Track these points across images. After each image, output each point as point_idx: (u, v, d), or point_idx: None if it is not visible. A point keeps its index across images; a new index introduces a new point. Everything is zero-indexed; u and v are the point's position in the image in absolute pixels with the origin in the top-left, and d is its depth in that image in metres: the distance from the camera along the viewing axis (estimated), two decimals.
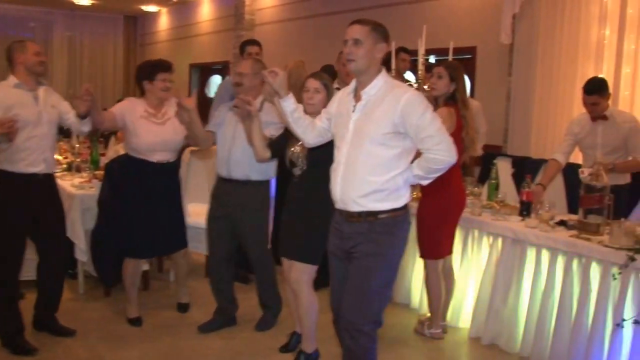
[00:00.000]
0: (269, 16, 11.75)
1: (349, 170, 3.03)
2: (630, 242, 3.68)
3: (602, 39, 6.29)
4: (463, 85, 4.18)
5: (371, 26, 3.01)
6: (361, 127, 3.01)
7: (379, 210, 3.02)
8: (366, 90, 3.03)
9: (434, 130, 2.92)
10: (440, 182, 4.01)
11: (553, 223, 4.20)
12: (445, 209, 4.24)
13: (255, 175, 4.28)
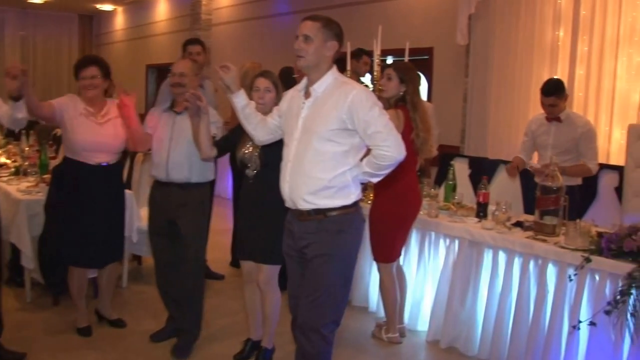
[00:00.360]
0: (226, 16, 11.63)
1: (296, 167, 3.00)
2: (586, 242, 3.68)
3: (556, 40, 6.33)
4: (414, 87, 4.12)
5: (322, 23, 2.98)
6: (309, 124, 2.98)
7: (328, 207, 2.97)
8: (315, 87, 3.00)
9: (382, 126, 2.89)
10: (393, 184, 4.01)
11: (509, 224, 4.19)
12: (398, 212, 4.19)
13: (196, 178, 4.10)
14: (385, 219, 4.20)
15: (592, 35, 6.02)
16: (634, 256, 3.38)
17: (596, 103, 6.01)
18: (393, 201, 4.15)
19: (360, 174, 3.01)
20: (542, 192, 3.95)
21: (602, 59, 5.96)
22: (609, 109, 5.93)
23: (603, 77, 5.95)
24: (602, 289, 3.49)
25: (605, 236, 3.55)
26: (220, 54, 10.90)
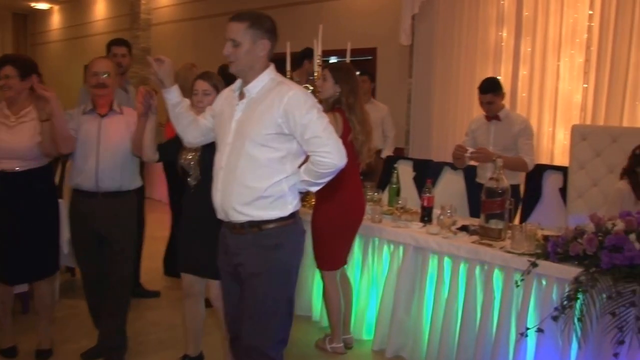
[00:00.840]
0: (166, 15, 11.44)
1: (229, 175, 2.77)
2: (532, 246, 3.59)
3: (499, 40, 6.33)
4: (350, 87, 3.95)
5: (249, 22, 2.75)
6: (242, 127, 2.75)
7: (263, 219, 2.76)
8: (249, 88, 2.79)
9: (320, 130, 2.67)
10: (334, 189, 3.85)
11: (455, 229, 4.07)
12: (341, 218, 4.02)
13: (127, 184, 3.87)
14: (328, 225, 4.04)
15: (535, 36, 6.03)
16: (580, 260, 3.29)
17: (539, 103, 6.00)
18: (335, 207, 3.99)
19: (298, 182, 2.80)
20: (487, 196, 3.85)
21: (545, 59, 5.97)
22: (552, 110, 5.93)
23: (546, 77, 5.96)
24: (549, 294, 3.40)
25: (551, 240, 3.46)
26: (161, 54, 10.59)
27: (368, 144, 3.92)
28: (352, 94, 3.90)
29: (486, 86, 4.82)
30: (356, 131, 3.89)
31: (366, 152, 3.93)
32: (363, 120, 3.92)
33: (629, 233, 3.13)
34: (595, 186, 4.91)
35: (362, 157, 3.94)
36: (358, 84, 3.97)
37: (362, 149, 3.91)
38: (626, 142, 4.52)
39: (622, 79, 5.44)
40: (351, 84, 3.93)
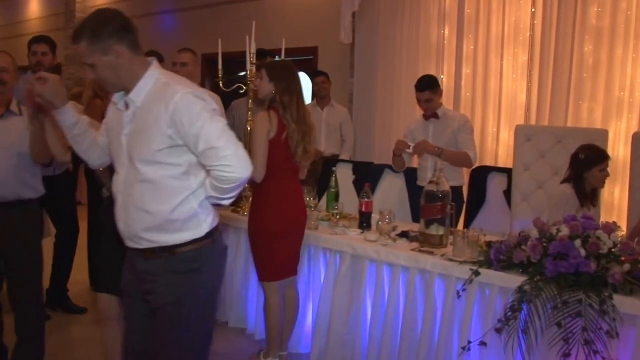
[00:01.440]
0: None
1: (127, 199, 2.40)
2: (475, 253, 3.38)
3: (441, 39, 6.18)
4: (285, 85, 3.70)
5: (86, 41, 2.27)
6: (132, 143, 2.36)
7: (174, 243, 2.39)
8: (131, 96, 2.36)
9: (215, 138, 2.27)
10: (267, 193, 3.64)
11: (394, 235, 3.85)
12: (276, 224, 3.74)
13: (27, 192, 3.50)
14: (262, 233, 3.77)
15: (478, 34, 5.90)
16: (524, 268, 3.10)
17: (483, 103, 5.86)
18: (269, 212, 3.73)
19: (207, 197, 2.44)
20: (426, 200, 3.63)
21: (487, 58, 5.84)
22: (496, 109, 5.80)
23: (489, 76, 5.83)
24: (492, 305, 3.20)
25: (494, 246, 3.26)
26: None
27: (303, 144, 3.66)
28: (288, 92, 3.65)
29: (423, 84, 4.66)
30: (290, 129, 3.63)
31: (301, 152, 3.66)
32: (299, 119, 3.66)
33: (574, 239, 2.95)
34: (540, 188, 4.76)
35: (297, 158, 3.67)
36: (296, 82, 3.70)
37: (296, 149, 3.65)
38: (571, 143, 4.39)
39: (565, 77, 5.32)
40: (287, 81, 3.68)
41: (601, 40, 5.18)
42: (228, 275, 4.56)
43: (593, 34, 5.21)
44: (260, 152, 3.61)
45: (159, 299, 2.42)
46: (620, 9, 5.07)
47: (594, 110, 5.23)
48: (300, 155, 3.65)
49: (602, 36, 5.18)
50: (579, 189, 4.00)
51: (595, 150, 4.02)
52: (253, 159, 3.61)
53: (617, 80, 5.13)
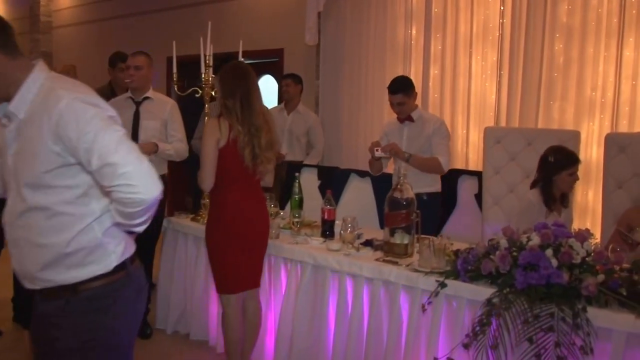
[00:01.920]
0: (67, 18, 10.77)
1: (17, 232, 2.03)
2: (442, 263, 3.19)
3: (409, 38, 6.00)
4: (229, 89, 3.47)
5: None
6: (18, 165, 1.99)
7: (76, 281, 2.02)
8: (11, 107, 1.98)
9: (111, 154, 1.87)
10: (222, 201, 3.48)
11: (358, 244, 3.64)
12: (233, 234, 3.52)
13: None
14: (219, 243, 3.56)
15: (446, 34, 5.73)
16: (493, 279, 2.91)
17: (452, 104, 5.69)
18: (226, 222, 3.52)
19: (115, 223, 2.06)
20: (390, 207, 3.43)
21: (456, 58, 5.67)
22: (466, 111, 5.63)
23: (458, 77, 5.66)
24: (460, 318, 3.01)
25: (461, 256, 3.07)
26: (64, 59, 9.96)
27: (252, 148, 3.43)
28: (231, 95, 3.44)
29: (396, 86, 4.43)
30: (235, 132, 3.41)
31: (249, 156, 3.43)
32: (244, 121, 3.43)
33: (545, 248, 2.76)
34: (512, 192, 4.60)
35: (247, 163, 3.44)
36: (240, 84, 3.47)
37: (243, 152, 3.43)
38: (542, 145, 4.24)
39: (536, 77, 5.16)
40: (230, 84, 3.47)
41: (572, 39, 5.03)
42: (189, 285, 4.36)
43: (563, 33, 5.06)
44: (207, 161, 3.43)
45: (63, 343, 2.04)
46: (591, 6, 4.92)
47: (565, 111, 5.07)
48: (250, 159, 3.43)
49: (573, 34, 5.02)
50: (547, 194, 3.84)
51: (565, 153, 3.85)
52: (201, 169, 3.44)
53: (588, 79, 4.97)
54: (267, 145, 3.48)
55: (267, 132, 3.48)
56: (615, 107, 4.85)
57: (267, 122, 3.50)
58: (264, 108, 3.61)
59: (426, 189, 4.37)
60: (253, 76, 3.52)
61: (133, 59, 4.51)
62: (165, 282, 4.55)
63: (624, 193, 4.27)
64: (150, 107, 4.55)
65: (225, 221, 3.52)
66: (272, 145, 3.51)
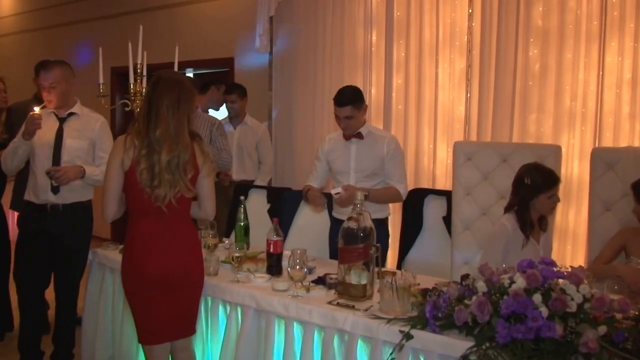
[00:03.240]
0: (11, 26, 10.38)
1: None
2: (406, 306, 2.65)
3: (369, 45, 5.54)
4: (143, 105, 2.95)
5: None
6: None
7: None
8: None
9: None
10: (134, 237, 2.95)
11: (310, 282, 3.08)
12: (147, 276, 2.93)
13: None
14: (132, 288, 2.98)
15: (409, 39, 5.29)
16: (469, 330, 2.36)
17: (417, 116, 5.24)
18: (137, 262, 2.95)
19: None
20: (345, 241, 2.87)
21: (421, 65, 5.23)
22: (432, 124, 5.19)
23: (424, 86, 5.21)
24: None
25: (430, 300, 2.51)
26: (8, 67, 9.39)
27: (147, 165, 2.84)
28: (141, 106, 2.88)
29: (344, 97, 3.85)
30: (135, 154, 2.86)
31: (145, 175, 2.84)
32: (146, 133, 2.86)
33: (532, 293, 2.22)
34: (484, 215, 4.09)
35: (142, 184, 2.85)
36: (156, 91, 2.90)
37: (140, 178, 2.85)
38: (518, 162, 3.75)
39: (509, 86, 4.70)
40: (146, 95, 2.94)
41: (548, 44, 4.57)
42: (117, 328, 3.73)
43: (539, 37, 4.60)
44: (107, 186, 2.91)
45: None
46: (568, 7, 4.47)
47: (542, 123, 4.60)
48: (146, 181, 2.84)
49: (549, 39, 4.57)
50: (524, 219, 3.33)
51: (543, 173, 3.35)
52: (102, 195, 2.89)
53: (567, 88, 4.52)
54: (170, 164, 2.85)
55: (170, 149, 2.84)
56: (598, 119, 4.42)
57: (178, 136, 2.87)
58: (179, 121, 2.90)
59: (373, 214, 3.84)
60: (172, 84, 2.92)
61: (45, 76, 3.87)
62: (90, 323, 3.92)
63: (612, 216, 3.78)
64: (76, 125, 3.95)
65: (135, 261, 2.94)
66: (179, 166, 2.87)
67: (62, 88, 3.88)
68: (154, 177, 2.83)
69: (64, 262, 4.00)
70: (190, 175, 2.91)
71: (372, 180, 3.87)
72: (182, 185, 2.87)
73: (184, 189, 2.89)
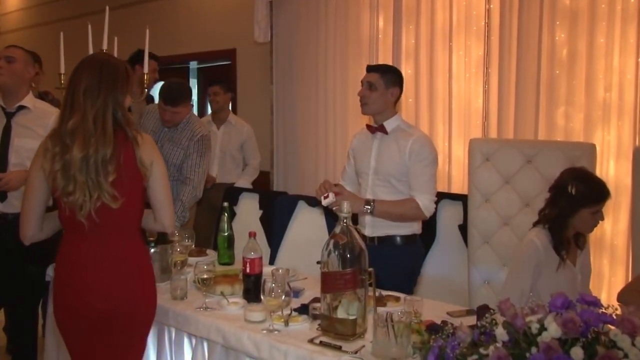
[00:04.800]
0: (15, 22, 10.26)
1: None
2: (406, 350, 2.10)
3: (375, 31, 5.05)
4: None
5: None
6: None
7: None
8: None
9: None
10: (59, 262, 2.41)
11: (291, 310, 2.53)
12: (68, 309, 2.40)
13: None
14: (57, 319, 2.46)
15: (420, 24, 4.79)
16: None
17: (429, 111, 4.73)
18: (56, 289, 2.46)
19: None
20: (329, 264, 2.30)
21: (433, 53, 4.72)
22: (446, 119, 4.65)
23: (436, 76, 4.70)
24: None
25: (437, 345, 1.94)
26: None
27: (59, 164, 2.29)
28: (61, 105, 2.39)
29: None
30: (50, 155, 2.32)
31: (55, 177, 2.29)
32: (54, 135, 2.33)
33: (571, 345, 1.65)
34: (506, 225, 3.51)
35: (55, 188, 2.31)
36: (69, 83, 2.36)
37: (53, 185, 2.32)
38: (545, 163, 3.29)
39: (533, 76, 4.13)
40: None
41: (577, 26, 4.00)
42: None
43: (567, 18, 4.02)
44: (26, 198, 2.40)
45: None
46: None
47: (572, 118, 4.04)
48: (60, 185, 2.29)
49: (579, 20, 3.99)
50: (559, 236, 2.76)
51: (592, 184, 2.77)
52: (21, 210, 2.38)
53: (600, 77, 3.93)
54: (85, 163, 2.27)
55: (84, 143, 2.27)
56: (638, 112, 3.83)
57: (97, 127, 2.29)
58: (99, 110, 2.31)
59: (401, 229, 3.25)
60: (93, 65, 2.36)
61: (6, 50, 3.46)
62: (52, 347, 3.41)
63: None
64: (26, 121, 3.40)
65: (56, 288, 2.42)
66: (97, 165, 2.28)
67: (18, 67, 3.40)
68: (69, 181, 2.28)
69: (19, 278, 3.47)
70: (114, 178, 2.29)
71: (388, 188, 3.20)
72: (101, 191, 2.28)
73: (105, 196, 2.29)
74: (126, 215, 2.40)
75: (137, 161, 2.36)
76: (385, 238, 3.22)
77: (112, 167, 2.28)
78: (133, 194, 2.39)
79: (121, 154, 2.32)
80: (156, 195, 2.46)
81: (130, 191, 2.38)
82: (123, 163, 2.32)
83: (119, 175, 2.30)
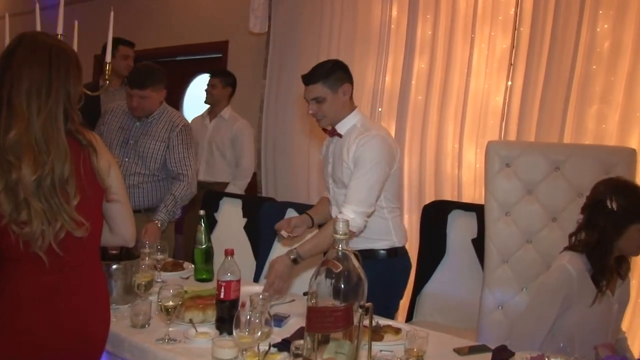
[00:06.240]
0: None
1: None
2: None
3: (387, 21, 4.59)
4: None
5: None
6: None
7: None
8: None
9: None
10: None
11: (267, 347, 2.08)
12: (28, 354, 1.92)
13: None
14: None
15: (438, 14, 4.32)
16: None
17: (441, 109, 4.27)
18: None
19: None
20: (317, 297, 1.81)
21: (452, 46, 4.26)
22: (459, 118, 4.20)
23: (452, 71, 4.24)
24: None
25: None
26: None
27: (1, 191, 1.80)
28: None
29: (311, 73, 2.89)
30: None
31: (4, 207, 1.80)
32: (2, 153, 1.82)
33: None
34: (529, 243, 3.04)
35: (8, 222, 1.82)
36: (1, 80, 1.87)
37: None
38: (575, 170, 2.87)
39: (565, 72, 3.67)
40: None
41: (624, 17, 3.52)
42: None
43: (612, 6, 3.55)
44: None
45: None
46: None
47: (605, 118, 3.57)
48: (12, 219, 1.81)
49: (627, 9, 3.51)
50: (602, 263, 2.29)
51: (637, 195, 2.31)
52: None
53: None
54: (41, 186, 1.82)
55: (35, 161, 1.81)
56: None
57: (48, 139, 1.84)
58: (49, 116, 1.86)
59: (378, 243, 2.89)
60: (36, 54, 1.88)
61: None
62: None
63: None
64: None
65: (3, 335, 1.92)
66: (55, 187, 1.83)
67: None
68: (20, 208, 1.81)
69: None
70: (78, 201, 1.87)
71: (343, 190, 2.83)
72: (64, 219, 1.85)
73: (70, 223, 1.86)
74: (90, 240, 1.98)
75: (96, 172, 1.94)
76: (366, 252, 2.75)
77: (72, 186, 1.85)
78: (96, 212, 2.00)
79: (79, 167, 1.89)
80: (114, 204, 2.03)
81: (94, 210, 1.98)
82: (84, 178, 1.90)
83: (82, 195, 1.88)
